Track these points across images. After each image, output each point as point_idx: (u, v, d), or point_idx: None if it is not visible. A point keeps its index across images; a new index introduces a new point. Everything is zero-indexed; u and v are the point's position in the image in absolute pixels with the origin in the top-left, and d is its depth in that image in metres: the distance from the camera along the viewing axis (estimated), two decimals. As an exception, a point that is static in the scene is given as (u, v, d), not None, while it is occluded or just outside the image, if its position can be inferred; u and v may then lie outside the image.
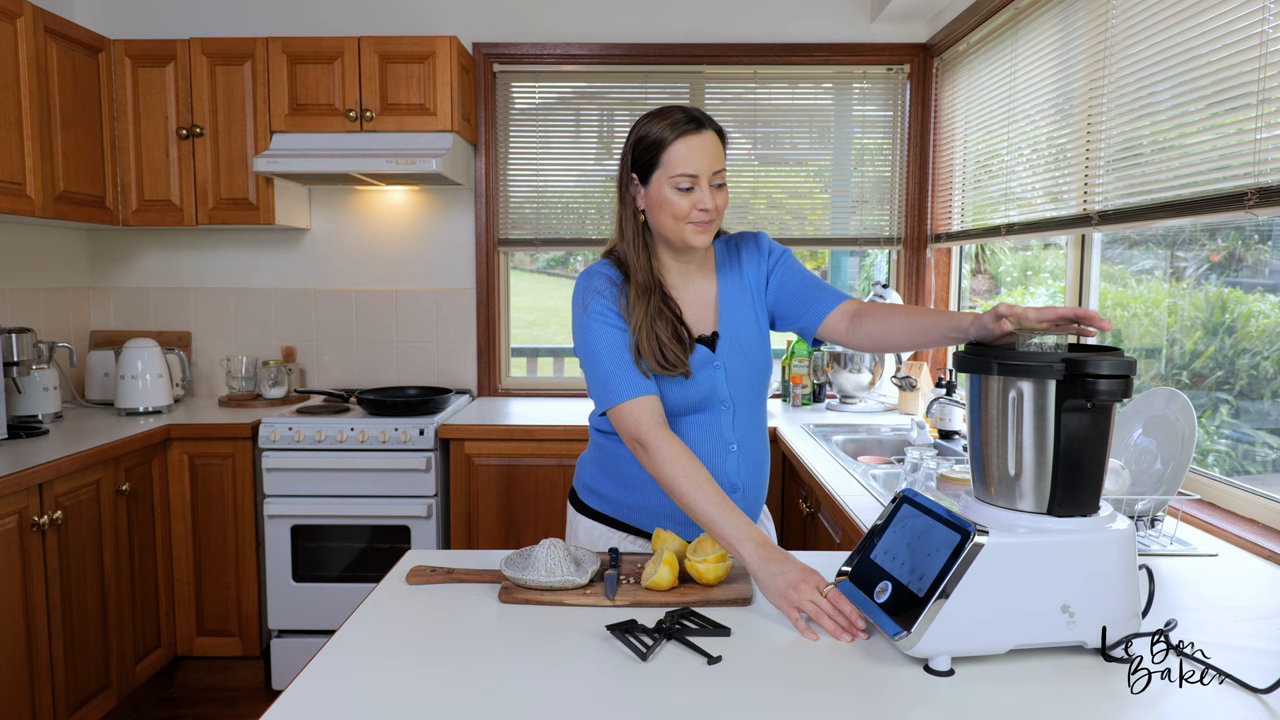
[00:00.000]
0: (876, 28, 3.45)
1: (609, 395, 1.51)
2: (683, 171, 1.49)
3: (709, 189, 1.51)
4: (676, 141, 1.49)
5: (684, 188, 1.50)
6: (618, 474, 1.66)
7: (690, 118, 1.51)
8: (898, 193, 3.56)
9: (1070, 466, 1.11)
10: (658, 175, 1.51)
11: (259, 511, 2.99)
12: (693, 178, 1.49)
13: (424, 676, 1.09)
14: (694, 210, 1.51)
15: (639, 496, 1.64)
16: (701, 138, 1.50)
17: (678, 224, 1.52)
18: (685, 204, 1.50)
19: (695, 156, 1.49)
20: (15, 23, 2.63)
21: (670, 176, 1.50)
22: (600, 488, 1.70)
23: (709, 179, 1.50)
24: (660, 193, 1.52)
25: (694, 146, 1.49)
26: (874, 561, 1.22)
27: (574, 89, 3.55)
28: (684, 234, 1.53)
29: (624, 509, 1.67)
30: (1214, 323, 2.26)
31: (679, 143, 1.49)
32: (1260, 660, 1.15)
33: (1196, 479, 1.97)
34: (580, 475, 1.76)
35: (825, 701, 1.03)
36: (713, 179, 1.51)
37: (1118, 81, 2.17)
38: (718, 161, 1.52)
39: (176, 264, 3.57)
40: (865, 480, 2.21)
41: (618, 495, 1.67)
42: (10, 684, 2.22)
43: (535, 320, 5.01)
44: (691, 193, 1.50)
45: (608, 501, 1.69)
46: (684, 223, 1.52)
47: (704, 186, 1.50)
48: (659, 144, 1.50)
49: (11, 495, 2.21)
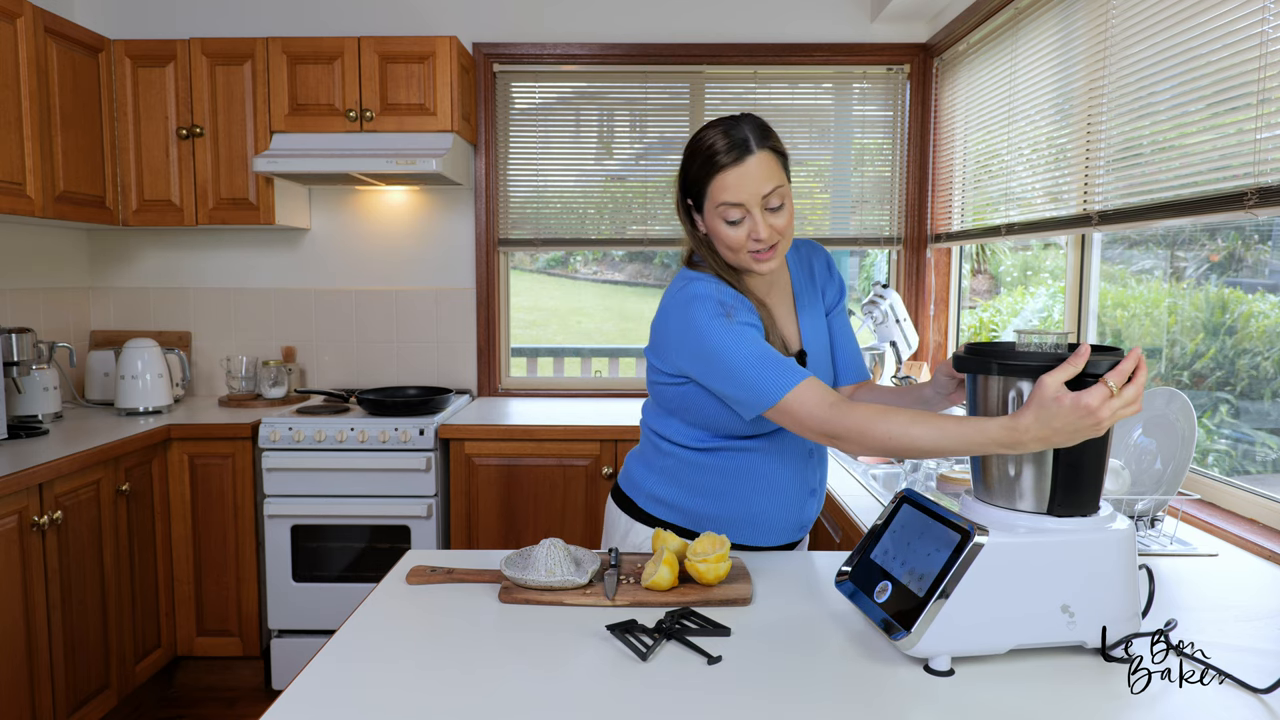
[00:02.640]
0: (876, 28, 3.45)
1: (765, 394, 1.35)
2: (726, 201, 1.41)
3: (761, 215, 1.41)
4: (717, 175, 1.41)
5: (733, 220, 1.42)
6: (694, 484, 1.56)
7: (732, 145, 1.40)
8: (898, 193, 3.56)
9: (1070, 466, 1.11)
10: (707, 208, 1.45)
11: (259, 511, 2.99)
12: (738, 207, 1.41)
13: (424, 676, 1.09)
14: (749, 240, 1.42)
15: (722, 506, 1.56)
16: (742, 168, 1.40)
17: (736, 255, 1.45)
18: (738, 236, 1.42)
19: (738, 186, 1.40)
20: (15, 23, 2.63)
21: (715, 208, 1.42)
22: (670, 498, 1.59)
23: (760, 205, 1.41)
24: (713, 225, 1.45)
25: (736, 177, 1.40)
26: (874, 561, 1.22)
27: (574, 89, 3.55)
28: (746, 263, 1.46)
29: (702, 520, 1.57)
30: (1214, 323, 2.26)
31: (719, 176, 1.41)
32: (1260, 660, 1.15)
33: (1196, 479, 1.97)
34: (639, 482, 1.64)
35: (825, 701, 1.03)
36: (765, 203, 1.41)
37: (1118, 81, 2.17)
38: (768, 183, 1.40)
39: (176, 264, 3.57)
40: (865, 480, 2.21)
41: (694, 506, 1.57)
42: (10, 684, 2.22)
43: (535, 320, 5.01)
44: (742, 225, 1.42)
45: (680, 512, 1.58)
46: (742, 254, 1.44)
47: (755, 215, 1.40)
48: (702, 179, 1.43)
49: (11, 495, 2.21)
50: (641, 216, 3.57)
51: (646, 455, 1.64)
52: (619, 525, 1.66)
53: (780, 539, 1.60)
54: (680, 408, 1.55)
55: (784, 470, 1.55)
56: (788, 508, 1.57)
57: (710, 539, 1.36)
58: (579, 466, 2.98)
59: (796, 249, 1.67)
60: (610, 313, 5.21)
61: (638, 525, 1.63)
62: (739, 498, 1.55)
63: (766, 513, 1.56)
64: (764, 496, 1.55)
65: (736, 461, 1.54)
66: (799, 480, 1.57)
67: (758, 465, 1.54)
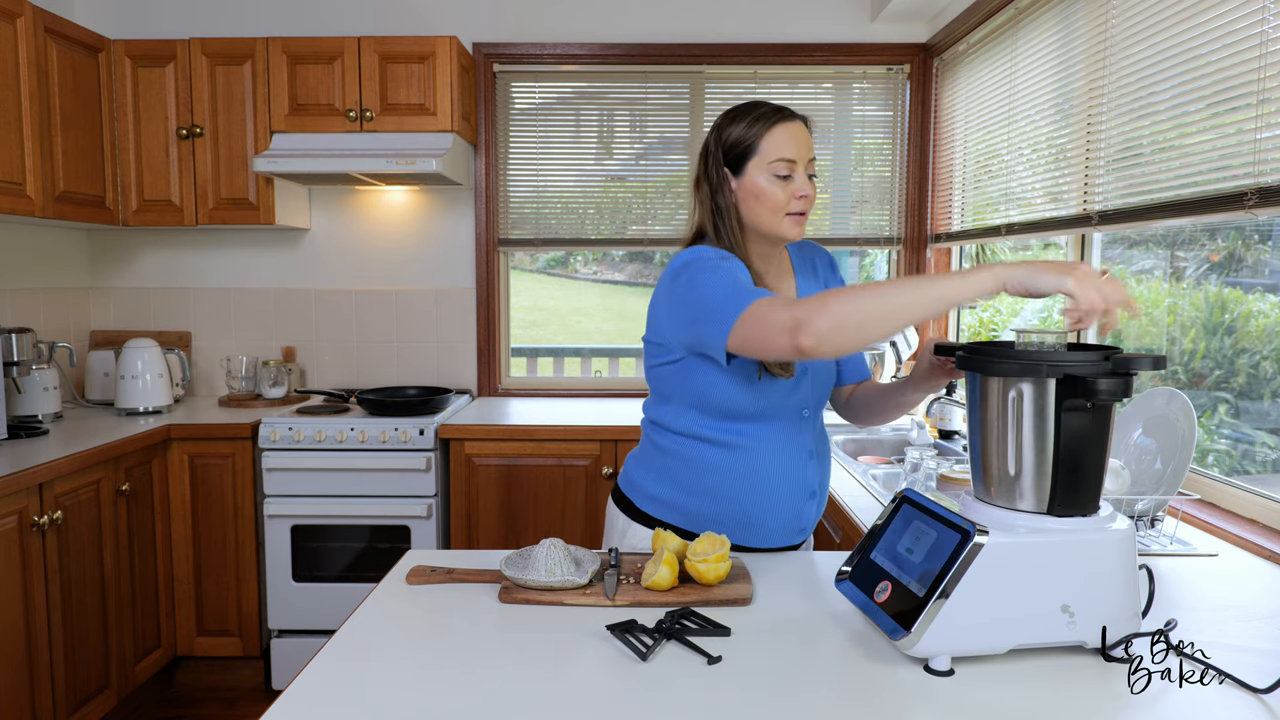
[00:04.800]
0: (876, 28, 3.45)
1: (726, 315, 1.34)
2: (782, 156, 1.48)
3: (805, 176, 1.50)
4: (774, 128, 1.49)
5: (782, 175, 1.48)
6: (690, 483, 1.56)
7: (779, 107, 1.51)
8: (898, 193, 3.56)
9: (1070, 466, 1.11)
10: (754, 164, 1.49)
11: (259, 511, 2.99)
12: (791, 163, 1.48)
13: (424, 676, 1.09)
14: (792, 199, 1.49)
15: (719, 506, 1.55)
16: (796, 124, 1.51)
17: (775, 215, 1.50)
18: (784, 194, 1.49)
19: (793, 142, 1.49)
20: (15, 23, 2.63)
21: (769, 163, 1.48)
22: (667, 497, 1.59)
23: (805, 166, 1.50)
24: (755, 182, 1.50)
25: (790, 132, 1.49)
26: (874, 561, 1.22)
27: (574, 89, 3.55)
28: (781, 225, 1.51)
29: (700, 520, 1.56)
30: (1214, 322, 2.26)
31: (776, 129, 1.49)
32: (1260, 660, 1.15)
33: (1196, 479, 1.97)
34: (637, 482, 1.64)
35: (825, 701, 1.03)
36: (807, 168, 1.51)
37: (1118, 81, 2.17)
38: (811, 149, 1.52)
39: (176, 264, 3.57)
40: (865, 480, 2.21)
41: (690, 505, 1.57)
42: (10, 684, 2.22)
43: (535, 320, 5.00)
44: (790, 181, 1.49)
45: (677, 511, 1.58)
46: (781, 214, 1.50)
47: (801, 174, 1.50)
48: (755, 133, 1.49)
49: (11, 495, 2.21)
50: (641, 216, 3.57)
51: (645, 455, 1.65)
52: (617, 525, 1.66)
53: (778, 541, 1.58)
54: (676, 388, 1.55)
55: (782, 469, 1.54)
56: (785, 509, 1.56)
57: (710, 539, 1.36)
58: (579, 466, 2.98)
59: (799, 246, 1.69)
60: (610, 313, 5.20)
61: (635, 525, 1.63)
62: (735, 497, 1.54)
63: (763, 513, 1.55)
64: (761, 496, 1.54)
65: (733, 459, 1.54)
66: (797, 480, 1.56)
67: (754, 463, 1.53)
